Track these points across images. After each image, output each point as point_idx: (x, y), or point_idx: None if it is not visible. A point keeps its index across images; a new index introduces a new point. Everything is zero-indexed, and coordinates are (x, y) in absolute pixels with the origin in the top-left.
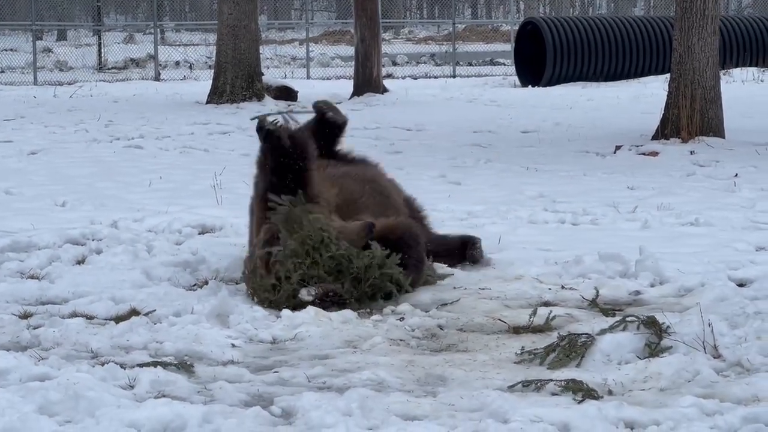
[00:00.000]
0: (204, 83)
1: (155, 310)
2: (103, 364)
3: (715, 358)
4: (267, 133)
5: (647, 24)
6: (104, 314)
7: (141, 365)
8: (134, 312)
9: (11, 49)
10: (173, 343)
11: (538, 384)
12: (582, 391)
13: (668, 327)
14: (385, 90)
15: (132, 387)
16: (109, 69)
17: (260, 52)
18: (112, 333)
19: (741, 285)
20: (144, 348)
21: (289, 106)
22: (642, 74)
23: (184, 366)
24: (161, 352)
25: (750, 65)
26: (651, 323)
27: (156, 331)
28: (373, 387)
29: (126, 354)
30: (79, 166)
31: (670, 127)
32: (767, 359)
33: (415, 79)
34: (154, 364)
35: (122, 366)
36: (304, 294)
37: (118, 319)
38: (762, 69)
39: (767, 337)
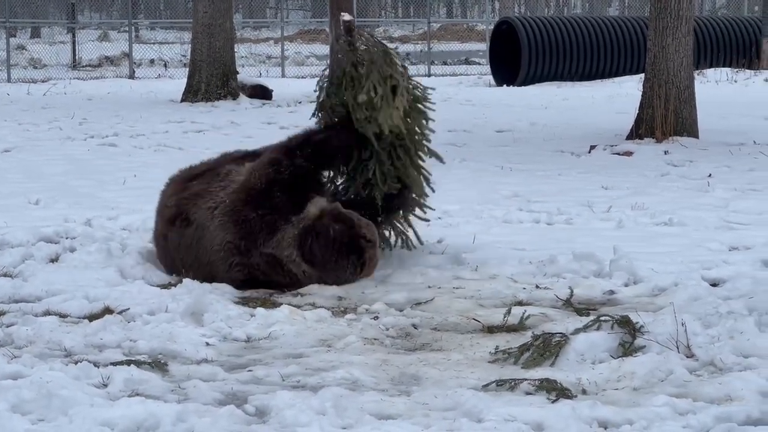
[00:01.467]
0: (179, 81)
1: (129, 309)
2: (76, 363)
3: (688, 357)
4: None
5: (622, 24)
6: (78, 313)
7: (115, 364)
8: (108, 310)
9: None
10: (147, 342)
11: (512, 383)
12: (556, 391)
13: (642, 326)
14: None
15: (105, 386)
16: (83, 67)
17: (235, 50)
18: (86, 331)
19: (714, 285)
20: (118, 346)
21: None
22: (617, 74)
23: (157, 364)
24: (135, 351)
25: (724, 66)
26: (625, 323)
27: (130, 330)
28: (347, 386)
29: (99, 352)
30: (53, 164)
31: (644, 127)
32: (740, 359)
33: None
34: (128, 362)
35: (96, 364)
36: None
37: (92, 317)
38: (735, 69)
39: (740, 337)
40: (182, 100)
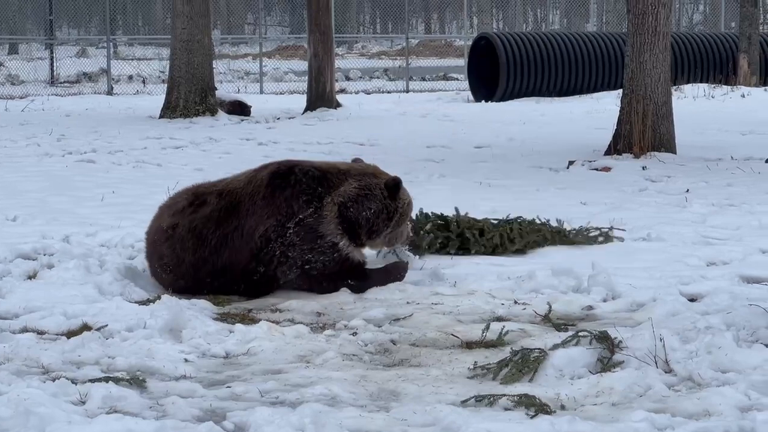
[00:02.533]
0: (157, 98)
1: (107, 325)
2: (54, 380)
3: (666, 372)
4: None
5: (600, 40)
6: (55, 329)
7: (93, 380)
8: (86, 327)
9: None
10: (125, 358)
11: (491, 399)
12: (534, 406)
13: (620, 342)
14: (338, 105)
15: (83, 403)
16: (61, 83)
17: (213, 66)
18: (64, 348)
19: (692, 300)
20: (96, 363)
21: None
22: (595, 90)
23: (136, 381)
24: (113, 368)
25: (701, 81)
26: (603, 338)
27: (108, 346)
28: (325, 402)
29: (77, 369)
30: (30, 181)
31: (622, 143)
32: (718, 374)
33: (369, 93)
34: (106, 379)
35: (74, 381)
36: None
37: (70, 334)
38: (713, 85)
39: (718, 352)
40: (161, 116)
